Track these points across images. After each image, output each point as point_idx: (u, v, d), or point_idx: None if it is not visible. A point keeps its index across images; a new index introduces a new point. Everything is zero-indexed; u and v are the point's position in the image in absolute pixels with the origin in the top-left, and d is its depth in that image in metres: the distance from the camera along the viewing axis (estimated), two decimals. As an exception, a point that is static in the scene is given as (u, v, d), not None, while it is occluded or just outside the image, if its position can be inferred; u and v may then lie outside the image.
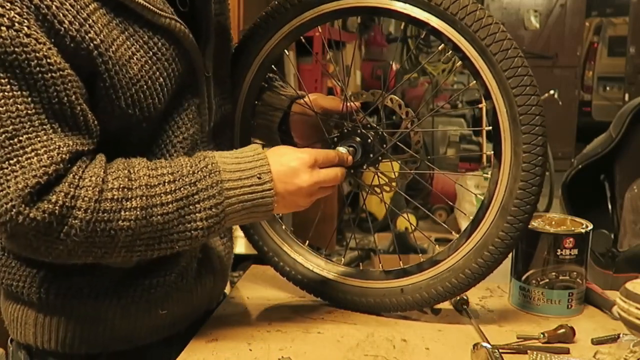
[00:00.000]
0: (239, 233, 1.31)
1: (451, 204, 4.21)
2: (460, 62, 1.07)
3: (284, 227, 1.26)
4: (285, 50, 1.21)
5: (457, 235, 1.13)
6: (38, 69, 0.84)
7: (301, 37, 1.19)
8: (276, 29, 1.16)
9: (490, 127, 1.06)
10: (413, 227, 3.44)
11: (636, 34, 6.36)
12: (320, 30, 1.18)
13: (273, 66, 1.22)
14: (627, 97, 6.19)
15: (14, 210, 0.83)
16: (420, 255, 1.18)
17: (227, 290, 1.31)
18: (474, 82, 1.07)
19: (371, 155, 1.13)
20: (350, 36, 4.37)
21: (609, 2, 8.78)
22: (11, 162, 0.84)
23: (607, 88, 8.17)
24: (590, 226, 1.22)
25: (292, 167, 1.00)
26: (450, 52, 1.05)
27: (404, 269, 1.16)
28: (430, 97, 5.29)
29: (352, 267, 1.23)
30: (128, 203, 0.90)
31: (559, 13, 7.79)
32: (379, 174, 1.17)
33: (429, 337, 1.10)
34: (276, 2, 1.14)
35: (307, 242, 1.27)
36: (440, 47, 1.14)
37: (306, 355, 1.04)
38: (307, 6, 1.12)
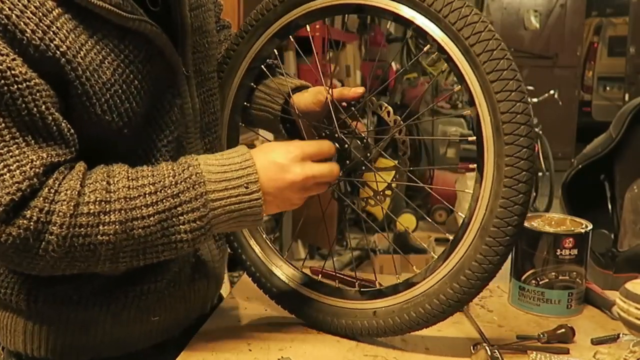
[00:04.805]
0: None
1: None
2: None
3: (264, 236, 1.21)
4: (275, 50, 1.18)
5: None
6: (3, 81, 0.81)
7: (290, 37, 1.15)
8: (262, 30, 1.13)
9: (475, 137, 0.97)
10: (385, 238, 3.43)
11: (636, 34, 6.36)
12: (308, 29, 1.13)
13: (275, 61, 1.20)
14: (627, 97, 6.19)
15: None
16: (397, 277, 1.05)
17: (226, 290, 1.31)
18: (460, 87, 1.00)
19: (347, 162, 1.06)
20: (350, 36, 4.38)
21: (609, 2, 8.78)
22: None
23: (607, 88, 8.18)
24: (590, 226, 1.22)
25: (281, 163, 0.96)
26: (436, 54, 1.00)
27: (380, 289, 1.08)
28: (431, 98, 5.29)
29: (329, 284, 1.15)
30: (106, 217, 0.86)
31: (559, 13, 7.80)
32: (365, 183, 1.09)
33: (428, 337, 1.09)
34: (261, 4, 1.11)
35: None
36: (425, 48, 1.08)
37: (306, 355, 1.04)
38: (290, 6, 1.09)
